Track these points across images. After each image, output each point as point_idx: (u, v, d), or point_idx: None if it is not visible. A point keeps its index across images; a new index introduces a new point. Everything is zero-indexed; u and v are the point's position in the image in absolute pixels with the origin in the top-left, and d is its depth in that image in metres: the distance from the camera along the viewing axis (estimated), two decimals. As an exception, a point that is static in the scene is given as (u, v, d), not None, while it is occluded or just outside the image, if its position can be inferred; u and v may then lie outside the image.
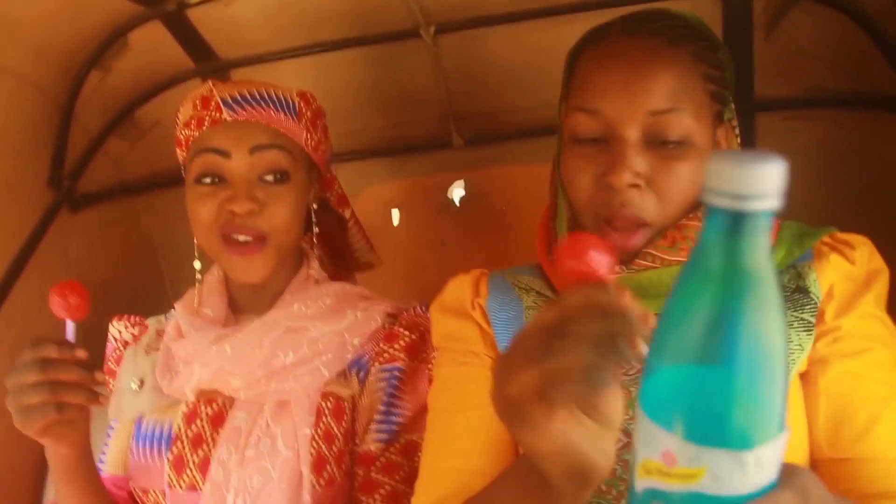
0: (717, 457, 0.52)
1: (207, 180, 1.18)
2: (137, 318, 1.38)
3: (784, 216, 1.00)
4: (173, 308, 1.31)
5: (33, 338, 1.03)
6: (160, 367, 1.23)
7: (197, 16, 1.62)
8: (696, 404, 0.53)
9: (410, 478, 1.07)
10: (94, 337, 1.27)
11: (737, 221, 0.50)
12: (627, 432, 0.87)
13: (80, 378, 1.03)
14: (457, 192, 1.79)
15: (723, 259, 0.51)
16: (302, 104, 1.24)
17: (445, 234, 1.74)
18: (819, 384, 0.89)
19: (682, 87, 0.90)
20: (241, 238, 1.16)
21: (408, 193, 1.45)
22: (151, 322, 1.37)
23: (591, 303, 0.58)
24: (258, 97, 1.21)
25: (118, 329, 1.36)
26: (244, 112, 1.19)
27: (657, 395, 0.55)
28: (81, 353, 1.04)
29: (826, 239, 0.97)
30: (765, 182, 0.49)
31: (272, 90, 1.23)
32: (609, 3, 1.43)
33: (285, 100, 1.23)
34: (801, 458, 0.90)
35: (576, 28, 1.02)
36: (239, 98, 1.20)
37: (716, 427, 0.53)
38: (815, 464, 0.90)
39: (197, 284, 1.28)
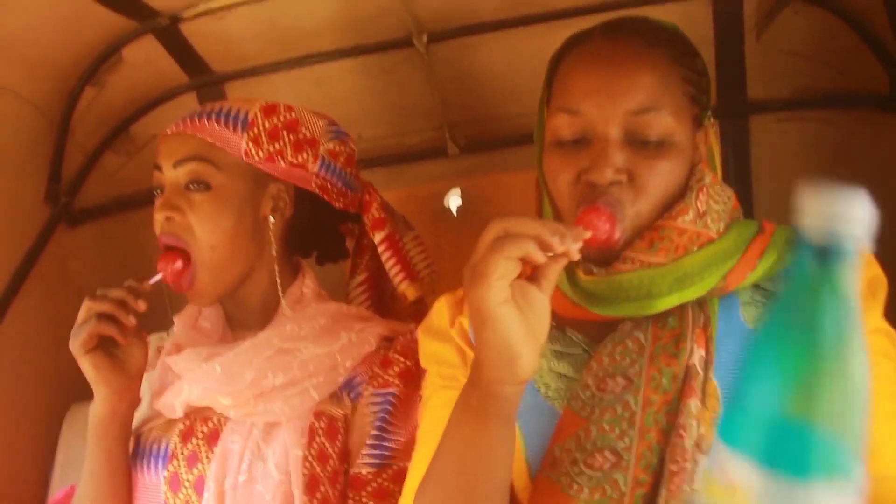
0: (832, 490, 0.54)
1: (156, 193, 1.23)
2: (140, 335, 1.37)
3: (780, 217, 1.01)
4: (173, 326, 1.31)
5: None
6: (156, 383, 1.23)
7: (190, 30, 1.63)
8: (820, 443, 0.55)
9: None
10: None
11: (828, 256, 0.53)
12: (616, 451, 0.86)
13: (122, 296, 1.12)
14: (453, 200, 1.79)
15: (817, 289, 0.54)
16: (259, 116, 1.22)
17: (441, 243, 1.74)
18: None
19: (662, 87, 0.92)
20: (165, 242, 1.19)
21: (403, 203, 1.45)
22: (153, 339, 1.36)
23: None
24: (206, 111, 1.22)
25: None
26: (181, 126, 1.21)
27: (781, 448, 0.56)
28: (146, 286, 1.15)
29: None
30: (858, 216, 0.53)
31: (229, 104, 1.23)
32: (598, 9, 1.44)
33: (234, 112, 1.22)
34: None
35: (567, 33, 1.03)
36: (191, 113, 1.23)
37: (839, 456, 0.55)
38: None
39: None
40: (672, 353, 0.89)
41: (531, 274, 0.78)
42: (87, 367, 1.12)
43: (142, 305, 1.13)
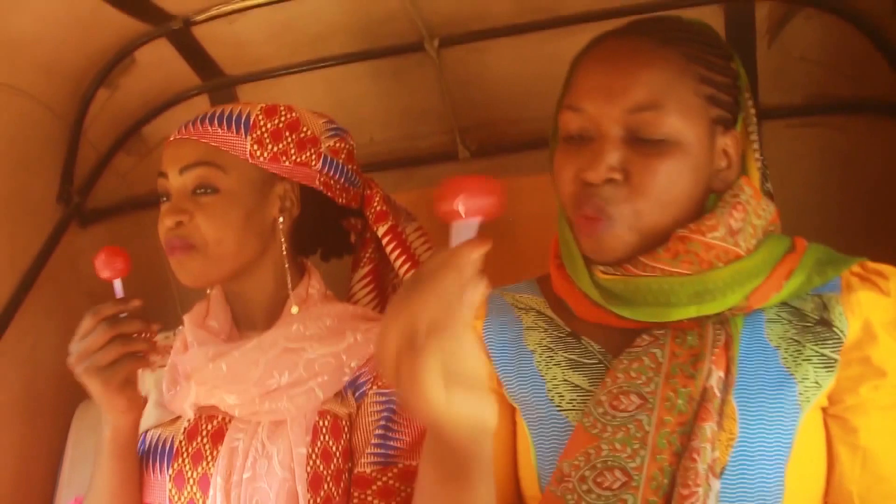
0: None
1: (162, 200, 1.23)
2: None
3: (791, 224, 1.00)
4: (181, 325, 1.31)
5: (92, 307, 1.11)
6: (166, 382, 1.24)
7: (202, 33, 1.64)
8: None
9: (405, 503, 1.08)
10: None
11: None
12: (626, 470, 0.85)
13: (141, 328, 1.12)
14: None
15: None
16: (261, 118, 1.23)
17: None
18: (859, 435, 0.87)
19: (666, 86, 0.90)
20: (172, 246, 1.19)
21: (413, 206, 1.45)
22: (160, 338, 1.37)
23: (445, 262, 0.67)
24: (209, 115, 1.23)
25: None
26: (185, 131, 1.22)
27: None
28: (136, 303, 1.13)
29: (856, 269, 0.93)
30: None
31: (230, 108, 1.24)
32: (608, 14, 1.44)
33: (236, 115, 1.22)
34: (816, 496, 0.88)
35: (578, 39, 1.03)
36: (193, 119, 1.23)
37: None
38: None
39: (209, 292, 1.31)
40: (689, 373, 0.87)
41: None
42: (122, 402, 1.13)
43: (155, 329, 1.16)
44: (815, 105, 1.54)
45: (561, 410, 0.93)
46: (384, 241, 1.36)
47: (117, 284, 1.16)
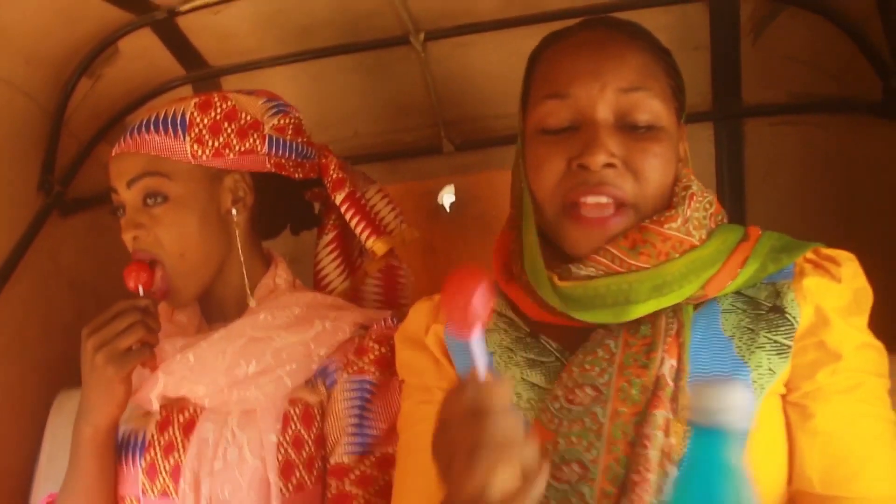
0: None
1: (118, 213, 1.24)
2: None
3: (773, 220, 1.01)
4: None
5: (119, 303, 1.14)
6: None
7: (187, 23, 1.63)
8: None
9: (384, 491, 1.08)
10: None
11: (717, 439, 0.62)
12: (583, 463, 0.85)
13: (157, 322, 1.15)
14: (447, 197, 1.79)
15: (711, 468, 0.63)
16: (196, 114, 1.22)
17: (435, 240, 1.74)
18: (817, 421, 0.87)
19: (648, 71, 0.92)
20: (137, 258, 1.20)
21: (398, 199, 1.45)
22: None
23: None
24: (144, 123, 1.23)
25: None
26: (124, 144, 1.23)
27: None
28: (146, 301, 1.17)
29: (809, 255, 0.94)
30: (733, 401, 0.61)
31: (164, 110, 1.23)
32: (592, 10, 1.44)
33: (171, 117, 1.22)
34: (778, 482, 0.88)
35: (564, 34, 1.03)
36: (130, 129, 1.24)
37: None
38: (801, 496, 0.88)
39: None
40: (642, 363, 0.87)
41: None
42: (123, 393, 1.14)
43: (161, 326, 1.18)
44: (797, 103, 1.56)
45: (519, 410, 0.93)
46: (343, 209, 1.36)
47: (140, 291, 1.18)
